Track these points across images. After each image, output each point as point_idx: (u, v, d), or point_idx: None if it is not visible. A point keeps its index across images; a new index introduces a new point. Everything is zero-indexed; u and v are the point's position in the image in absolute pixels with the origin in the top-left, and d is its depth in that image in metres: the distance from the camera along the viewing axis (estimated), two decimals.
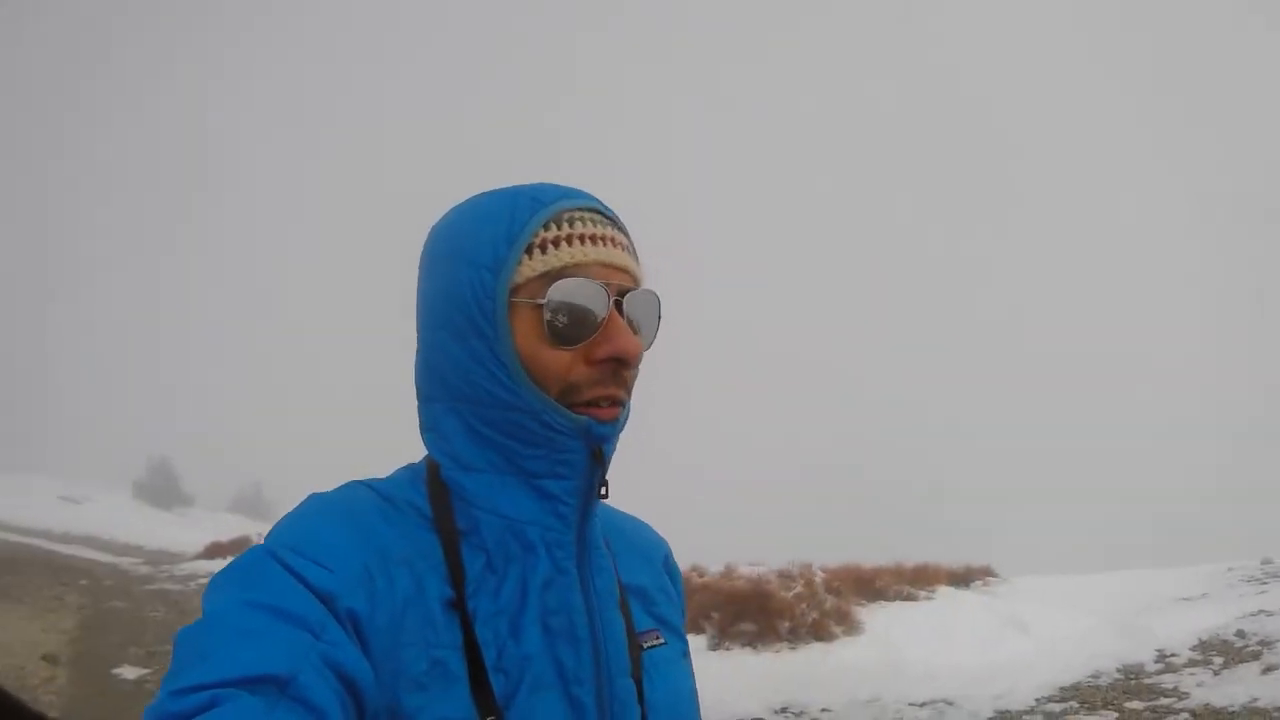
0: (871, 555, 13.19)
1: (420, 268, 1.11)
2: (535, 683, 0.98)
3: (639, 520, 1.32)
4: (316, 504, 1.03)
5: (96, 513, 32.55)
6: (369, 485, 1.08)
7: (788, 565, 12.27)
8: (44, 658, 9.35)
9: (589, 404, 1.04)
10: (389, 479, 1.10)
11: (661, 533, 1.35)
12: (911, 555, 13.14)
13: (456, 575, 1.00)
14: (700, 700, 1.21)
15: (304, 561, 0.93)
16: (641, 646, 1.12)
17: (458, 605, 0.98)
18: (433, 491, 1.06)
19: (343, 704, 0.86)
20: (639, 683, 1.08)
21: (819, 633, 10.15)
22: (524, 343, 1.02)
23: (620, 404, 1.07)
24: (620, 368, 1.04)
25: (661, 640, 1.17)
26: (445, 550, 1.02)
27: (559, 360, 1.02)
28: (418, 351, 1.11)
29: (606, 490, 1.09)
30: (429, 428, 1.10)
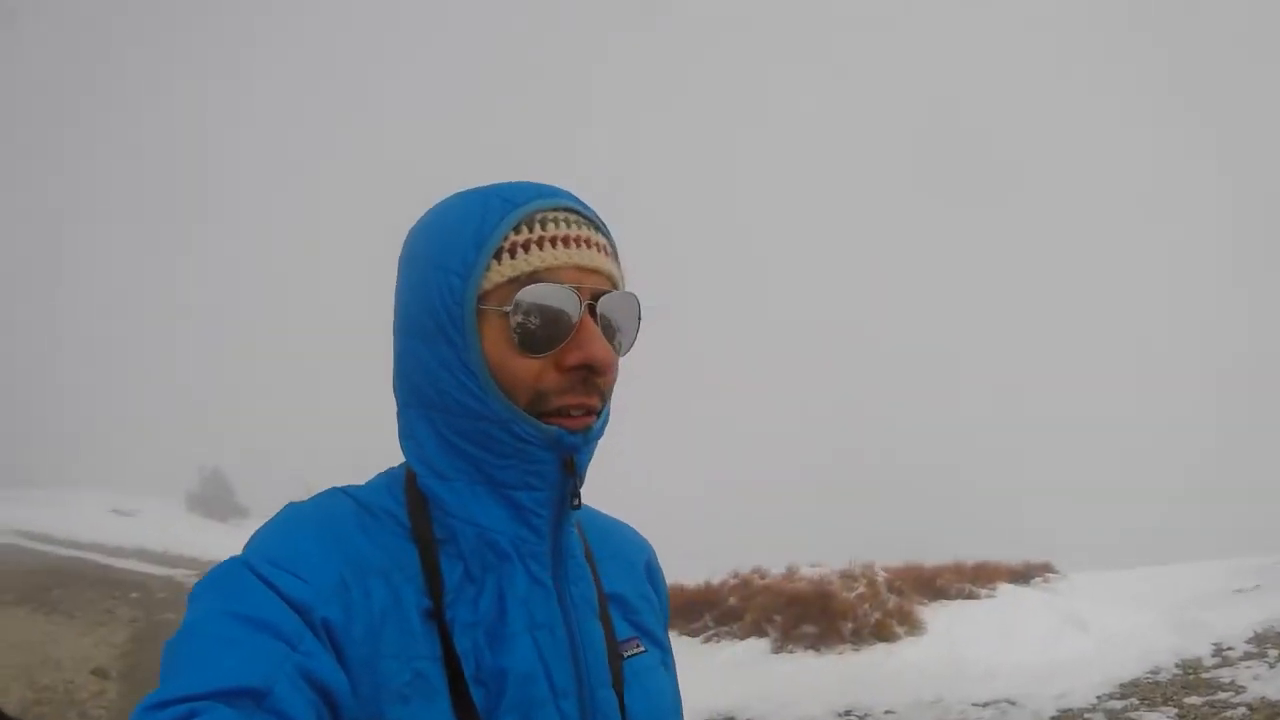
0: (905, 553, 12.96)
1: (397, 270, 1.09)
2: (517, 696, 0.96)
3: (622, 523, 1.29)
4: (292, 514, 1.02)
5: (149, 525, 32.88)
6: (347, 493, 1.06)
7: (849, 565, 12.11)
8: (94, 672, 9.46)
9: (558, 413, 1.00)
10: (367, 486, 1.08)
11: (704, 537, 1.27)
12: (945, 551, 12.91)
13: (434, 585, 0.98)
14: (765, 703, 1.14)
15: (279, 572, 0.92)
16: (622, 656, 1.10)
17: (436, 615, 0.97)
18: (410, 499, 1.04)
19: (319, 716, 0.85)
20: (620, 693, 1.05)
21: (882, 633, 10.03)
22: (493, 350, 0.99)
23: (594, 412, 1.03)
24: (592, 375, 1.00)
25: (641, 649, 1.14)
26: (423, 559, 0.99)
27: (528, 368, 0.99)
28: (394, 357, 1.09)
29: (579, 501, 1.05)
30: (405, 435, 1.08)
